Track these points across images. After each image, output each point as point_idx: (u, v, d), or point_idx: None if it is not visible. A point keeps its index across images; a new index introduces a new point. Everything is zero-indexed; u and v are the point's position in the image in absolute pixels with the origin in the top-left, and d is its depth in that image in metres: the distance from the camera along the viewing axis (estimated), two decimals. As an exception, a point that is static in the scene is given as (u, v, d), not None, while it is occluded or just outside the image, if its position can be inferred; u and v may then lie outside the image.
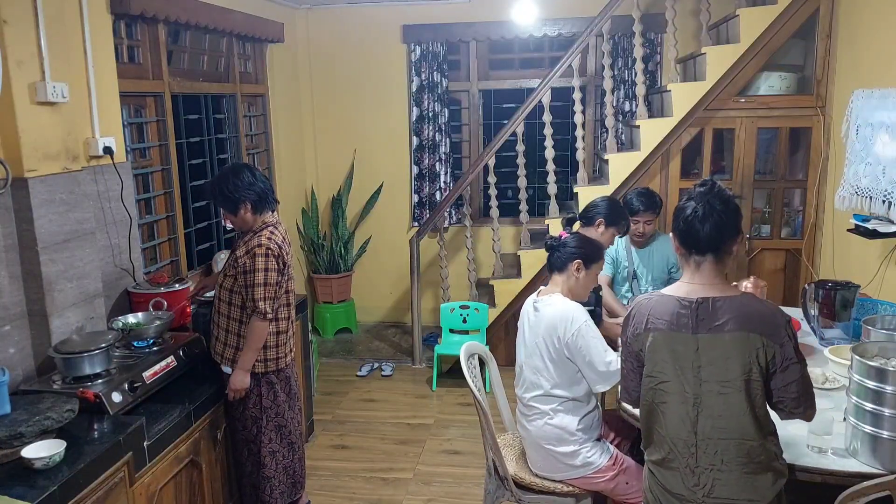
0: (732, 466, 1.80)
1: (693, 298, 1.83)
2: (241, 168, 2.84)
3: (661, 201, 3.66)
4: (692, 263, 1.87)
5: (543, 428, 2.48)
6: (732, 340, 1.77)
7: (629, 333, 1.94)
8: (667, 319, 1.84)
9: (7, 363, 2.40)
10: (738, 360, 1.76)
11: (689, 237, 1.84)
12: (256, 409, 2.86)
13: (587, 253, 2.55)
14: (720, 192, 1.83)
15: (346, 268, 5.66)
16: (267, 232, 2.78)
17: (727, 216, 1.81)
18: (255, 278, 2.71)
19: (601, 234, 3.12)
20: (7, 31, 2.35)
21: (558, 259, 2.55)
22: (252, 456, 2.90)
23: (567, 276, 2.54)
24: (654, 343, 1.86)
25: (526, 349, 2.54)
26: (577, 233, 2.69)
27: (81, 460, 2.05)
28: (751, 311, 1.79)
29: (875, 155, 3.39)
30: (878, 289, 3.46)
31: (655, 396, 1.88)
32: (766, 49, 4.30)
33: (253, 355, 2.79)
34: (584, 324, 2.40)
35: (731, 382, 1.77)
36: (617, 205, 3.27)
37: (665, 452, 1.87)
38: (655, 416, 1.89)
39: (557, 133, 4.95)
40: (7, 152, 2.42)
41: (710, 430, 1.80)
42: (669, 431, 1.86)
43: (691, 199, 1.84)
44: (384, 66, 5.57)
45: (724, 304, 1.80)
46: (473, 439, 3.86)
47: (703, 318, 1.80)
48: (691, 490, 1.83)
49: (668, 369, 1.84)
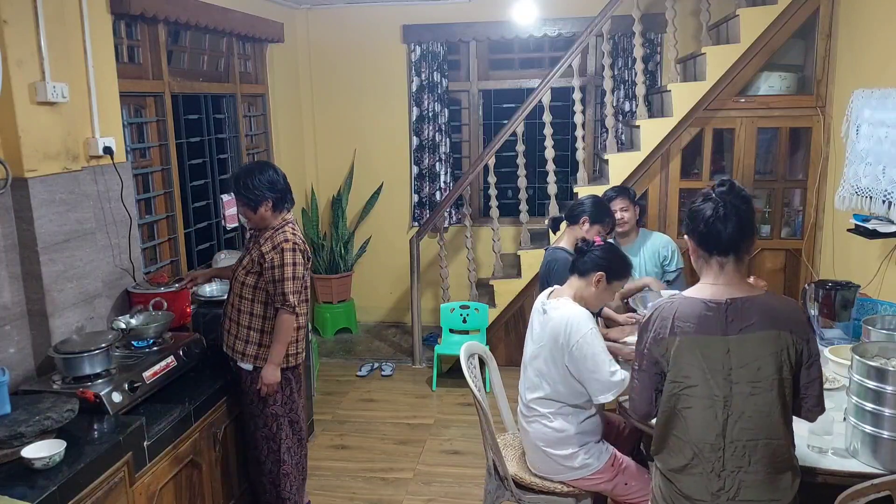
0: (759, 468, 1.77)
1: (721, 300, 1.79)
2: (265, 166, 2.85)
3: (634, 193, 3.84)
4: (714, 264, 1.83)
5: (542, 430, 2.48)
6: (763, 339, 1.75)
7: (649, 339, 1.87)
8: (694, 323, 1.79)
9: (7, 363, 2.41)
10: (771, 360, 1.75)
11: (711, 238, 1.80)
12: (278, 406, 2.88)
13: (612, 267, 2.49)
14: (740, 191, 1.81)
15: (346, 268, 5.66)
16: (289, 228, 2.82)
17: (748, 216, 1.80)
18: (283, 273, 2.73)
19: (586, 231, 3.13)
20: (7, 31, 2.35)
21: (583, 264, 2.51)
22: (272, 454, 2.91)
23: (586, 283, 2.50)
24: (681, 347, 1.80)
25: (532, 349, 2.53)
26: (610, 243, 2.61)
27: (81, 460, 2.05)
28: (778, 309, 1.78)
29: (875, 155, 3.39)
30: (878, 289, 3.46)
31: (679, 402, 1.82)
32: (766, 49, 4.30)
33: (283, 349, 2.81)
34: (588, 332, 2.35)
35: (762, 383, 1.75)
36: (602, 202, 3.30)
37: (688, 458, 1.83)
38: (676, 421, 1.84)
39: (557, 133, 4.95)
40: (7, 152, 2.42)
41: (739, 433, 1.77)
42: (693, 436, 1.81)
43: (709, 199, 1.81)
44: (384, 66, 5.57)
45: (751, 304, 1.78)
46: (473, 439, 3.86)
47: (733, 320, 1.77)
48: (715, 495, 1.79)
49: (695, 373, 1.79)
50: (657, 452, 1.93)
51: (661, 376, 1.87)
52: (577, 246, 2.59)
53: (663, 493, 1.91)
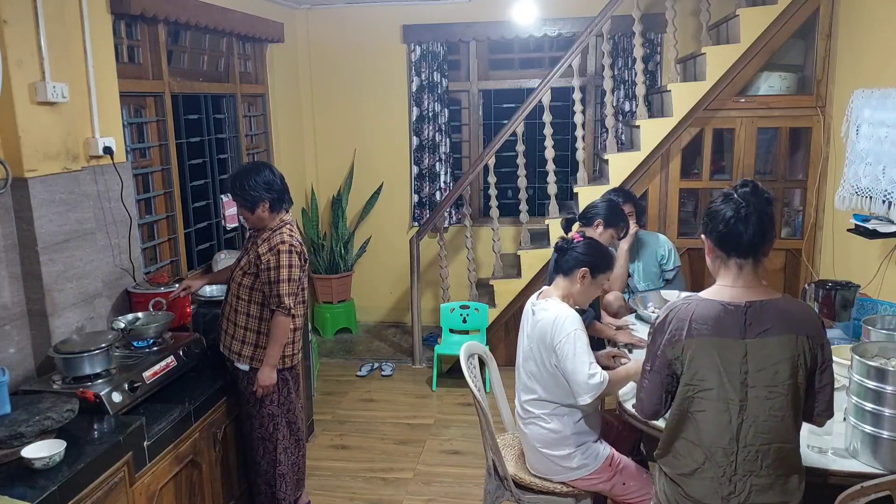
0: (770, 471, 1.76)
1: (740, 303, 1.77)
2: (262, 167, 2.85)
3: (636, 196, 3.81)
4: (733, 266, 1.80)
5: (539, 432, 2.48)
6: (781, 344, 1.73)
7: (663, 341, 1.83)
8: (711, 325, 1.77)
9: (7, 363, 2.41)
10: (788, 364, 1.73)
11: (731, 239, 1.77)
12: (274, 407, 2.88)
13: (595, 262, 2.50)
14: (763, 192, 1.78)
15: (346, 268, 5.66)
16: (287, 229, 2.82)
17: (769, 218, 1.77)
18: (279, 274, 2.74)
19: (600, 234, 3.13)
20: (7, 31, 2.35)
21: (565, 262, 2.51)
22: (268, 454, 2.91)
23: (571, 281, 2.50)
24: (698, 350, 1.77)
25: (523, 352, 2.53)
26: (590, 238, 2.61)
27: (81, 460, 2.05)
28: (794, 313, 1.77)
29: (875, 155, 3.39)
30: (878, 289, 3.46)
31: (692, 405, 1.80)
32: (766, 49, 4.30)
33: (279, 351, 2.81)
34: (573, 332, 2.34)
35: (778, 387, 1.73)
36: (617, 206, 3.29)
37: (698, 462, 1.81)
38: (687, 424, 1.82)
39: (557, 133, 4.95)
40: (7, 152, 2.42)
41: (753, 437, 1.76)
42: (705, 440, 1.79)
43: (730, 199, 1.78)
44: (384, 66, 5.57)
45: (769, 308, 1.76)
46: (473, 439, 3.86)
47: (752, 323, 1.75)
48: (725, 499, 1.78)
49: (711, 376, 1.77)
50: (663, 455, 1.91)
51: (673, 378, 1.84)
52: (558, 244, 2.59)
53: (669, 497, 1.89)
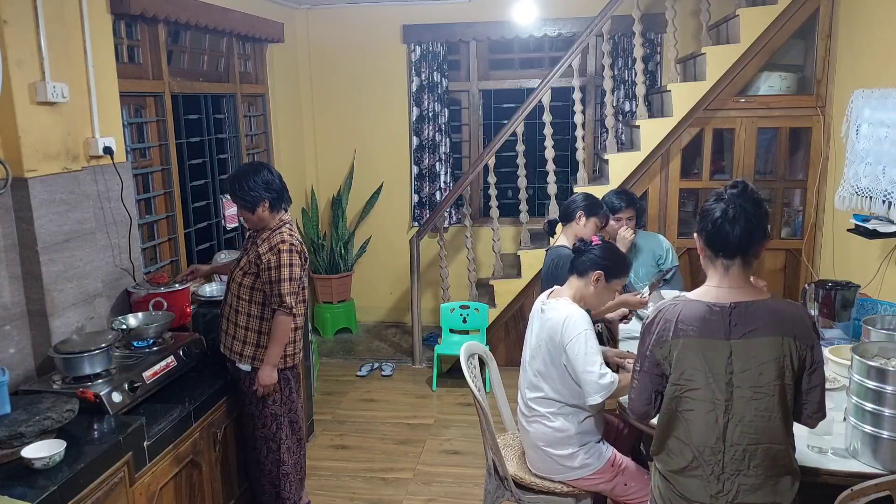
0: (758, 471, 1.77)
1: (725, 303, 1.78)
2: (260, 167, 2.86)
3: (638, 198, 3.73)
4: (720, 266, 1.81)
5: (542, 430, 2.48)
6: (766, 345, 1.74)
7: (651, 341, 1.86)
8: (697, 325, 1.78)
9: (7, 363, 2.41)
10: (773, 365, 1.73)
11: (718, 239, 1.78)
12: (277, 406, 2.88)
13: (611, 266, 2.49)
14: (752, 193, 1.78)
15: (346, 268, 5.66)
16: (286, 228, 2.83)
17: (758, 219, 1.77)
18: (280, 274, 2.74)
19: (584, 226, 3.14)
20: (7, 31, 2.35)
21: (581, 264, 2.51)
22: (272, 454, 2.91)
23: (585, 282, 2.50)
24: (684, 350, 1.79)
25: (531, 350, 2.53)
26: (608, 242, 2.61)
27: (81, 460, 2.05)
28: (783, 313, 1.76)
29: (875, 155, 3.39)
30: (878, 289, 3.46)
31: (680, 404, 1.82)
32: (766, 49, 4.30)
33: (280, 350, 2.81)
34: (584, 332, 2.35)
35: (763, 388, 1.74)
36: (592, 196, 3.30)
37: (688, 460, 1.83)
38: (677, 423, 1.84)
39: (557, 133, 4.95)
40: (7, 152, 2.42)
41: (739, 437, 1.76)
42: (694, 439, 1.81)
43: (720, 200, 1.79)
44: (384, 66, 5.57)
45: (756, 308, 1.76)
46: (473, 439, 3.86)
47: (737, 324, 1.76)
48: (714, 497, 1.80)
49: (697, 376, 1.78)
50: (657, 453, 1.93)
51: (662, 378, 1.86)
52: (576, 246, 2.59)
53: (662, 493, 1.91)
